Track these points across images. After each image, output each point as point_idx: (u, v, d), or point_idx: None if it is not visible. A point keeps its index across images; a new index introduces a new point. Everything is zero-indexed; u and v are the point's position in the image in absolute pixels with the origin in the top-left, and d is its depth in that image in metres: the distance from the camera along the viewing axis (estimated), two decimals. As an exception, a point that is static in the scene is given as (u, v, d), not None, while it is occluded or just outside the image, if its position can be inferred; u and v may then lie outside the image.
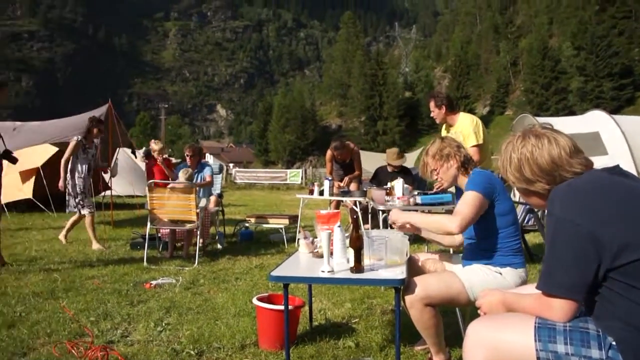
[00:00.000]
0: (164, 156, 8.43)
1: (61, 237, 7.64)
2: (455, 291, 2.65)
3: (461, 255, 3.00)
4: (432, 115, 5.55)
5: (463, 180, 2.91)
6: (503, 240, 2.74)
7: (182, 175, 6.91)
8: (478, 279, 2.67)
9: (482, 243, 2.79)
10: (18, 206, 11.87)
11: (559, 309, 1.62)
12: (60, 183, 7.16)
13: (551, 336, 1.61)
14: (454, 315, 3.32)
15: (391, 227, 3.01)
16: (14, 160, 5.94)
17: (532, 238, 7.28)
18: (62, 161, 7.20)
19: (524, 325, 1.67)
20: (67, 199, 7.32)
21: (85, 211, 7.22)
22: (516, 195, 6.63)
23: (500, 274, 2.68)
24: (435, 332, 2.69)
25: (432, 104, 5.48)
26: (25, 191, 12.03)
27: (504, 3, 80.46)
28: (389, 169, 7.83)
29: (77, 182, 7.17)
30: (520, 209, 6.37)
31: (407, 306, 2.65)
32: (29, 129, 10.73)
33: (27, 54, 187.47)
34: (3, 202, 5.98)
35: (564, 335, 1.61)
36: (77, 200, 7.21)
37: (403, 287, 2.57)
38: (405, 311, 2.70)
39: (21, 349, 3.27)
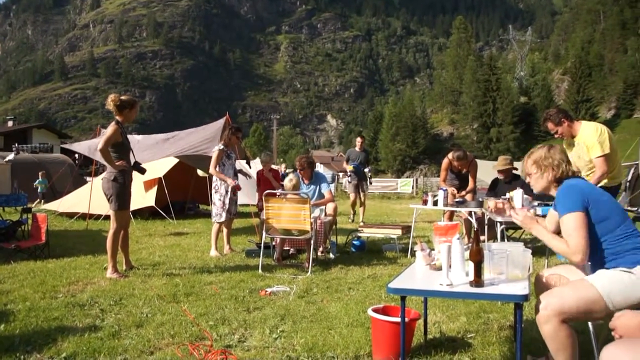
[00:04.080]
0: (272, 167, 8.63)
1: (226, 250, 7.58)
2: (590, 299, 2.46)
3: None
4: (557, 136, 5.36)
5: (555, 193, 2.82)
6: (617, 243, 2.58)
7: (287, 183, 6.99)
8: (611, 280, 2.50)
9: (599, 252, 2.63)
10: (142, 213, 12.64)
11: None
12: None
13: None
14: (584, 335, 3.10)
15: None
16: (142, 171, 6.27)
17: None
18: (212, 172, 7.32)
19: None
20: (213, 209, 7.48)
21: (218, 219, 7.34)
22: None
23: (632, 273, 2.49)
24: (571, 354, 2.50)
25: (550, 126, 5.33)
26: (148, 199, 12.60)
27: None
28: (501, 177, 7.53)
29: (227, 190, 7.28)
30: None
31: (542, 322, 2.49)
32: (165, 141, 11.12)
33: (150, 72, 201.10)
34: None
35: None
36: (221, 206, 7.30)
37: (526, 302, 2.47)
38: (539, 328, 2.55)
39: (148, 348, 3.48)
